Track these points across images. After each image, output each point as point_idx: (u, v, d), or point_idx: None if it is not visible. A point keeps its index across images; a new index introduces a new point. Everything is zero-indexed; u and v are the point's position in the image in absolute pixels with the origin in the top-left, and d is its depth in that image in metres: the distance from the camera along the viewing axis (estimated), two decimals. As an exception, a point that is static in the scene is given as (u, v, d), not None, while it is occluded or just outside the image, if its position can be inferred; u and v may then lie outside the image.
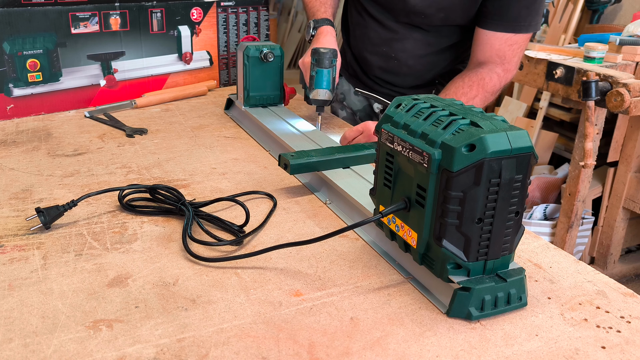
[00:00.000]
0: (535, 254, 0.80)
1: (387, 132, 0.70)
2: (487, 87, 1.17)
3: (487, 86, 1.17)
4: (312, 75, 1.22)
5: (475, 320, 0.64)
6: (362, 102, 1.52)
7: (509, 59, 1.18)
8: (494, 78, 1.17)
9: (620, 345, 0.61)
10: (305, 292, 0.69)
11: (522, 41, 1.17)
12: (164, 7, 1.55)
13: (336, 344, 0.60)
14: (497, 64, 1.18)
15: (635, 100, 1.79)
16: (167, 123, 1.38)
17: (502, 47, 1.16)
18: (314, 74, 1.22)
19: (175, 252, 0.78)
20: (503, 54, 1.17)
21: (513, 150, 0.60)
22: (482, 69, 1.19)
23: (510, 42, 1.16)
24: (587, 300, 0.69)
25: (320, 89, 1.22)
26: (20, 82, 1.38)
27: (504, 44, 1.16)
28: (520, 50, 1.18)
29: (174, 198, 0.89)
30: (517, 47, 1.17)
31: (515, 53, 1.17)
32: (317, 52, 1.21)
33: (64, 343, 0.59)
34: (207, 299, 0.67)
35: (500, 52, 1.17)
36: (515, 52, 1.17)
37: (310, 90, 1.24)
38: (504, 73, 1.18)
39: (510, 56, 1.17)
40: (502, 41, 1.16)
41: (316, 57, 1.21)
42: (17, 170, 1.06)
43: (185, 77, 1.66)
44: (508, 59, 1.18)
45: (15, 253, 0.76)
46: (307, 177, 1.04)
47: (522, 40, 1.17)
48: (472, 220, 0.61)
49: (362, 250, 0.80)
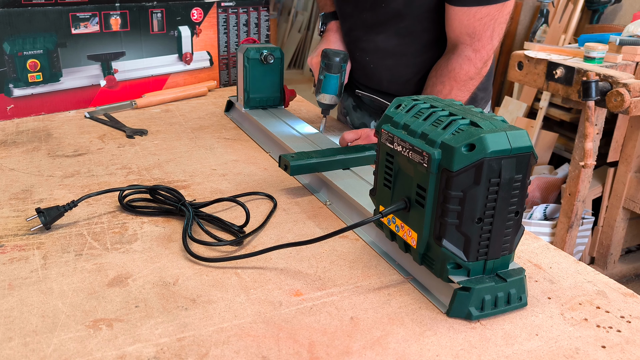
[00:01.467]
0: (535, 254, 0.80)
1: (387, 133, 0.70)
2: (459, 76, 1.13)
3: (458, 76, 1.12)
4: (320, 79, 1.22)
5: (476, 320, 0.64)
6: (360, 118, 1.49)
7: (479, 34, 1.10)
8: (464, 64, 1.12)
9: (620, 345, 0.61)
10: (306, 292, 0.69)
11: (493, 12, 1.08)
12: (165, 7, 1.55)
13: (336, 344, 0.60)
14: (467, 45, 1.12)
15: (635, 100, 1.79)
16: (168, 124, 1.38)
17: (471, 22, 1.09)
18: (322, 78, 1.22)
19: (175, 252, 0.78)
20: (473, 30, 1.10)
21: (513, 150, 0.60)
22: (452, 56, 1.14)
23: (480, 16, 1.08)
24: (587, 300, 0.69)
25: (326, 93, 1.23)
26: (20, 83, 1.38)
27: (472, 18, 1.09)
28: (492, 22, 1.09)
29: (174, 199, 0.89)
30: (488, 20, 1.09)
31: (486, 27, 1.09)
32: (327, 56, 1.21)
33: (64, 342, 0.59)
34: (207, 299, 0.67)
35: (470, 28, 1.10)
36: (486, 25, 1.09)
37: (318, 93, 1.24)
38: (475, 53, 1.12)
39: (480, 31, 1.09)
40: (469, 16, 1.09)
41: (325, 62, 1.21)
42: (17, 171, 1.06)
43: (186, 78, 1.66)
44: (478, 35, 1.10)
45: (15, 253, 0.76)
46: (307, 178, 1.04)
47: (494, 12, 1.08)
48: (472, 220, 0.62)
49: (362, 251, 0.80)
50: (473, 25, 1.10)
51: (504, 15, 1.11)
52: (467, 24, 1.10)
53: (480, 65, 1.14)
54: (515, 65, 2.17)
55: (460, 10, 1.09)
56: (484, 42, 1.11)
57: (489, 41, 1.12)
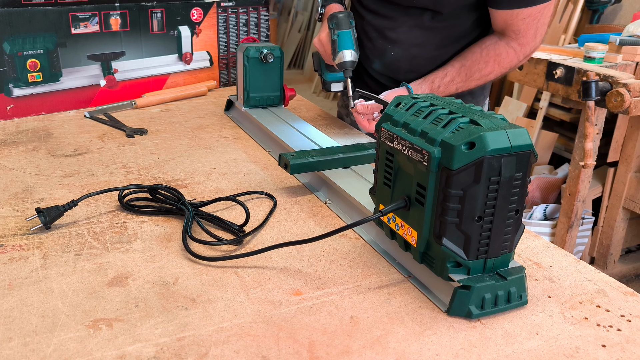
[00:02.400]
0: (536, 253, 0.80)
1: (386, 131, 0.70)
2: (503, 62, 1.17)
3: (503, 62, 1.17)
4: (334, 40, 1.18)
5: (476, 318, 0.64)
6: None
7: (524, 32, 1.16)
8: (510, 53, 1.17)
9: (620, 344, 0.61)
10: (305, 291, 0.69)
11: (535, 13, 1.14)
12: (164, 7, 1.55)
13: (336, 343, 0.60)
14: (513, 39, 1.17)
15: (635, 100, 1.79)
16: (167, 123, 1.38)
17: (515, 22, 1.15)
18: (336, 38, 1.18)
19: (175, 251, 0.78)
20: (517, 29, 1.16)
21: (513, 148, 0.60)
22: (500, 42, 1.18)
23: (522, 16, 1.14)
24: (588, 299, 0.69)
25: (345, 49, 1.18)
26: (20, 82, 1.38)
27: (515, 18, 1.14)
28: (535, 22, 1.15)
29: (174, 198, 0.89)
30: (530, 20, 1.14)
31: (529, 26, 1.15)
32: (334, 16, 1.18)
33: (63, 342, 0.59)
34: (207, 298, 0.67)
35: (514, 26, 1.16)
36: (529, 25, 1.15)
37: (335, 55, 1.19)
38: (521, 47, 1.17)
39: (524, 30, 1.15)
40: (512, 16, 1.14)
41: (335, 22, 1.18)
42: (17, 170, 1.06)
43: (186, 78, 1.66)
44: (523, 33, 1.16)
45: (15, 253, 0.76)
46: (307, 177, 1.04)
47: (536, 12, 1.14)
48: (472, 218, 0.61)
49: (362, 250, 0.80)
50: (517, 24, 1.16)
51: (545, 17, 1.16)
52: (510, 23, 1.16)
53: (522, 60, 1.19)
54: (515, 65, 2.16)
55: (503, 12, 1.15)
56: (529, 39, 1.17)
57: (532, 39, 1.17)
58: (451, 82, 1.18)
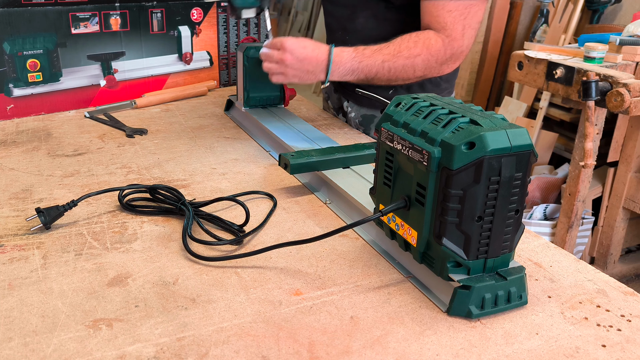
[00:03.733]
0: (536, 252, 0.80)
1: (386, 131, 0.70)
2: (431, 48, 1.13)
3: (431, 48, 1.13)
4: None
5: (476, 318, 0.64)
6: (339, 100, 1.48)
7: (451, 26, 1.14)
8: (439, 42, 1.14)
9: (620, 344, 0.61)
10: (305, 291, 0.69)
11: (462, 9, 1.12)
12: (164, 7, 1.55)
13: (336, 343, 0.60)
14: (440, 31, 1.15)
15: (635, 100, 1.79)
16: (167, 123, 1.38)
17: (441, 14, 1.13)
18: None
19: (175, 251, 0.78)
20: (443, 21, 1.14)
21: (513, 148, 0.60)
22: (430, 31, 1.16)
23: (448, 9, 1.12)
24: (588, 299, 0.69)
25: None
26: (20, 82, 1.38)
27: (441, 10, 1.13)
28: (462, 18, 1.13)
29: (174, 198, 0.89)
30: (457, 14, 1.13)
31: (456, 20, 1.13)
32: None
33: (63, 342, 0.59)
34: (207, 298, 0.67)
35: (440, 18, 1.14)
36: (456, 19, 1.13)
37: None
38: (449, 40, 1.14)
39: (451, 23, 1.13)
40: (438, 7, 1.13)
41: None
42: (17, 170, 1.06)
43: (186, 78, 1.66)
44: (450, 26, 1.14)
45: (15, 253, 0.76)
46: (307, 177, 1.04)
47: (462, 8, 1.12)
48: (472, 218, 0.61)
49: (362, 250, 0.80)
50: (443, 17, 1.13)
51: (472, 17, 1.14)
52: (437, 15, 1.13)
53: (449, 55, 1.15)
54: (515, 65, 2.17)
55: (430, 3, 1.13)
56: (456, 35, 1.14)
57: (460, 36, 1.14)
58: (378, 50, 1.13)
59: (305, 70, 1.08)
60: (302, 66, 1.08)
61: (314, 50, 1.10)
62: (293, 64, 1.08)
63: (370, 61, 1.11)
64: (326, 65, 1.08)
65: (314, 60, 1.09)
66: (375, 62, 1.11)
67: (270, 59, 1.11)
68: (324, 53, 1.11)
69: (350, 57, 1.11)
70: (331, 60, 1.08)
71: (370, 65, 1.11)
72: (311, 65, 1.08)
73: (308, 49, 1.09)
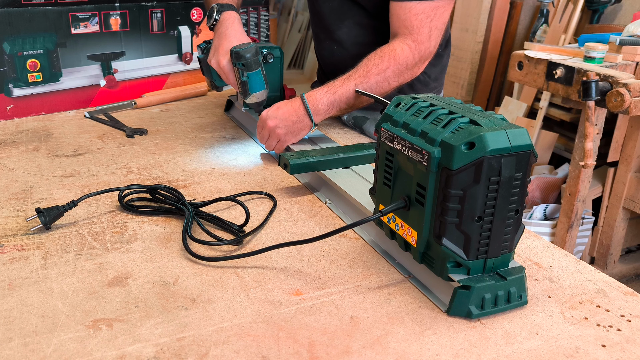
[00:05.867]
0: (536, 253, 0.80)
1: (386, 131, 0.70)
2: (398, 58, 1.15)
3: (398, 57, 1.15)
4: (244, 81, 1.15)
5: (476, 318, 0.64)
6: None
7: (417, 29, 1.15)
8: (405, 49, 1.15)
9: (620, 344, 0.61)
10: (305, 291, 0.69)
11: (428, 11, 1.14)
12: (164, 7, 1.55)
13: (336, 343, 0.60)
14: (407, 35, 1.16)
15: (635, 100, 1.79)
16: (167, 123, 1.38)
17: (408, 17, 1.15)
18: (246, 80, 1.14)
19: (175, 251, 0.78)
20: (410, 24, 1.15)
21: (512, 148, 0.60)
22: (395, 41, 1.17)
23: (415, 11, 1.14)
24: (588, 299, 0.69)
25: (257, 92, 1.16)
26: (20, 82, 1.38)
27: (408, 13, 1.15)
28: (428, 20, 1.15)
29: (174, 198, 0.89)
30: (424, 17, 1.14)
31: (423, 23, 1.15)
32: (239, 56, 1.11)
33: (63, 342, 0.59)
34: (207, 298, 0.67)
35: (407, 22, 1.15)
36: (422, 22, 1.15)
37: (246, 96, 1.16)
38: (415, 44, 1.16)
39: (417, 26, 1.15)
40: (405, 10, 1.15)
41: (242, 62, 1.12)
42: (17, 171, 1.06)
43: (186, 77, 1.66)
44: (416, 29, 1.15)
45: (15, 253, 0.76)
46: (306, 177, 1.04)
47: (429, 10, 1.14)
48: (472, 218, 0.61)
49: (362, 250, 0.80)
50: (410, 20, 1.15)
51: (438, 19, 1.16)
52: (404, 19, 1.15)
53: (417, 59, 1.17)
54: (515, 65, 2.17)
55: (397, 5, 1.15)
56: (423, 38, 1.16)
57: (427, 38, 1.16)
58: (348, 78, 1.15)
59: (292, 121, 1.11)
60: (287, 121, 1.11)
61: (288, 104, 1.13)
62: (279, 124, 1.11)
63: (344, 89, 1.13)
64: (304, 108, 1.11)
65: (292, 111, 1.12)
66: (349, 88, 1.13)
67: (264, 137, 1.14)
68: (297, 100, 1.14)
69: (323, 92, 1.14)
70: (306, 101, 1.11)
71: (345, 92, 1.13)
72: (293, 115, 1.11)
73: (282, 107, 1.13)
